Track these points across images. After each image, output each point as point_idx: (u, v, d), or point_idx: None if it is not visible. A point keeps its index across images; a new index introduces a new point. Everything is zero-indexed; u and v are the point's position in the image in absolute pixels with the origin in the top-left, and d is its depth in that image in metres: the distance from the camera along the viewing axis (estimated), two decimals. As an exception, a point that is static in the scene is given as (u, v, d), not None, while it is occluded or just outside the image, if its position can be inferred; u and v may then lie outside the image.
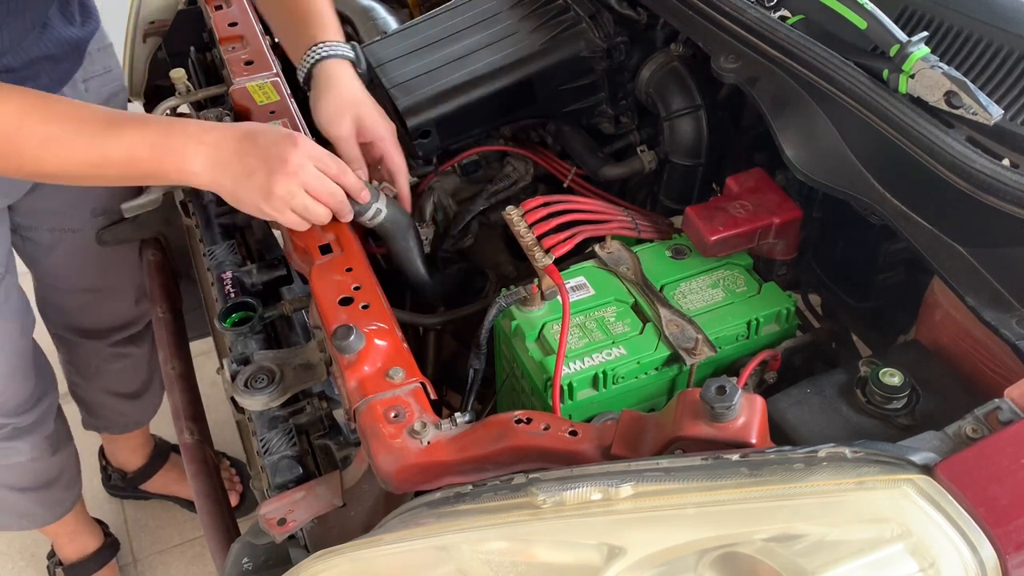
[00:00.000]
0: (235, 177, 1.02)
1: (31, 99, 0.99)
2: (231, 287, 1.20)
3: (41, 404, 1.55)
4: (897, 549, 0.67)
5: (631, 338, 1.00)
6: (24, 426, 1.53)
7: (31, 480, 1.63)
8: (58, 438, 1.64)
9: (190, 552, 2.03)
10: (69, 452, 1.70)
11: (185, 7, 1.68)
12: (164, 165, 1.02)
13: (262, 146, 1.02)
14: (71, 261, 1.55)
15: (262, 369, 1.04)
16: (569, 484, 0.73)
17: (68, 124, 0.99)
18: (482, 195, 1.37)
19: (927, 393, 0.88)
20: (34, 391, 1.52)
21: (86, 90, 1.38)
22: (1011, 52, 1.00)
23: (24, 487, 1.63)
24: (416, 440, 0.85)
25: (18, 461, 1.57)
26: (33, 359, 1.51)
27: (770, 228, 1.08)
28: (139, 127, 1.02)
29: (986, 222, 0.88)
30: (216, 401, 1.58)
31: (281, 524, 0.91)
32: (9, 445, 1.54)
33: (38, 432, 1.56)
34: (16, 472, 1.60)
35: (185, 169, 1.02)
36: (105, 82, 1.44)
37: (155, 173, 1.04)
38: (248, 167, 1.01)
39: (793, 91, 1.03)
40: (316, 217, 1.05)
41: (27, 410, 1.51)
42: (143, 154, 1.01)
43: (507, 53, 1.32)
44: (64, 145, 0.99)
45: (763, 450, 0.73)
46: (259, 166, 1.01)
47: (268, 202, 1.02)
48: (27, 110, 0.98)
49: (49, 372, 1.60)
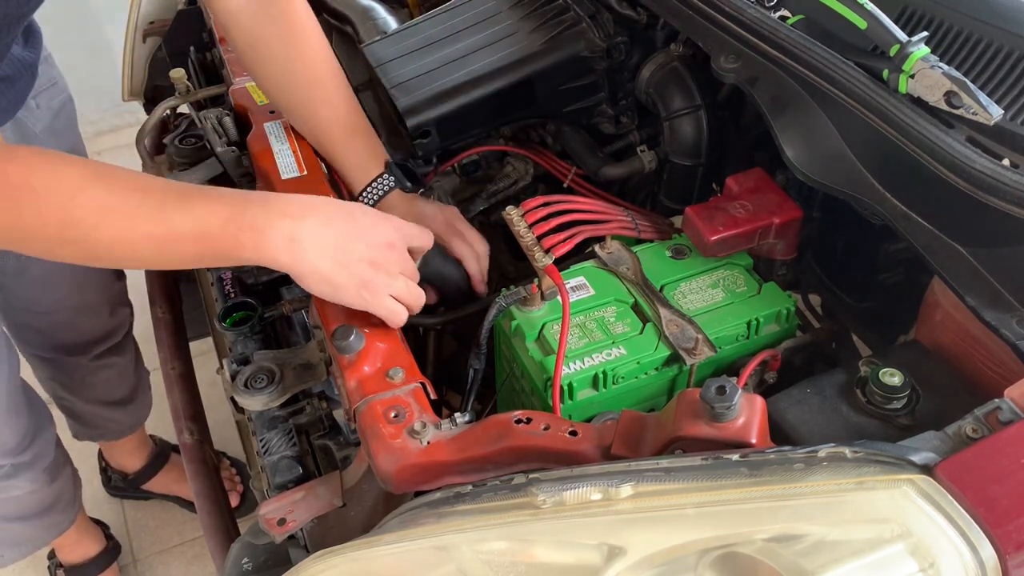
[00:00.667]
0: (333, 260, 0.92)
1: (91, 167, 0.87)
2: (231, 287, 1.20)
3: (38, 440, 1.53)
4: (897, 549, 0.67)
5: (631, 338, 1.00)
6: (23, 463, 1.51)
7: (30, 510, 1.62)
8: (56, 465, 1.62)
9: (190, 552, 2.03)
10: (67, 476, 1.68)
11: (185, 7, 1.68)
12: (240, 240, 0.89)
13: (362, 228, 0.94)
14: (40, 284, 1.52)
15: (262, 369, 1.04)
16: (569, 484, 0.73)
17: (131, 194, 0.87)
18: (482, 195, 1.37)
19: (927, 393, 0.88)
20: (28, 428, 1.50)
21: (37, 106, 1.35)
22: (1011, 52, 1.00)
23: (23, 516, 1.62)
24: (416, 440, 0.85)
25: (17, 495, 1.56)
26: (25, 397, 1.49)
27: (770, 228, 1.08)
28: (211, 198, 0.90)
29: (986, 222, 0.88)
30: (216, 401, 1.58)
31: (281, 524, 0.91)
32: (8, 483, 1.53)
33: (37, 466, 1.55)
34: (15, 504, 1.58)
35: (263, 247, 0.90)
36: (53, 95, 1.41)
37: (228, 252, 0.90)
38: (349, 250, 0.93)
39: (793, 91, 1.03)
40: (414, 301, 0.98)
41: (25, 448, 1.50)
42: (215, 229, 0.88)
43: (507, 53, 1.32)
44: (124, 216, 0.86)
45: (763, 450, 0.73)
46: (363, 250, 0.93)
47: (370, 290, 0.94)
48: (87, 178, 0.85)
49: (43, 407, 1.58)
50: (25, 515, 1.62)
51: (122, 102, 1.87)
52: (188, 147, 1.38)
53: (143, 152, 1.46)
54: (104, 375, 1.75)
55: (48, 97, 1.39)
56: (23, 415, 1.48)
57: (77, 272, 1.55)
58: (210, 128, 1.31)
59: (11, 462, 1.49)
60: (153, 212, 0.87)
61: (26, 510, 1.61)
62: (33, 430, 1.51)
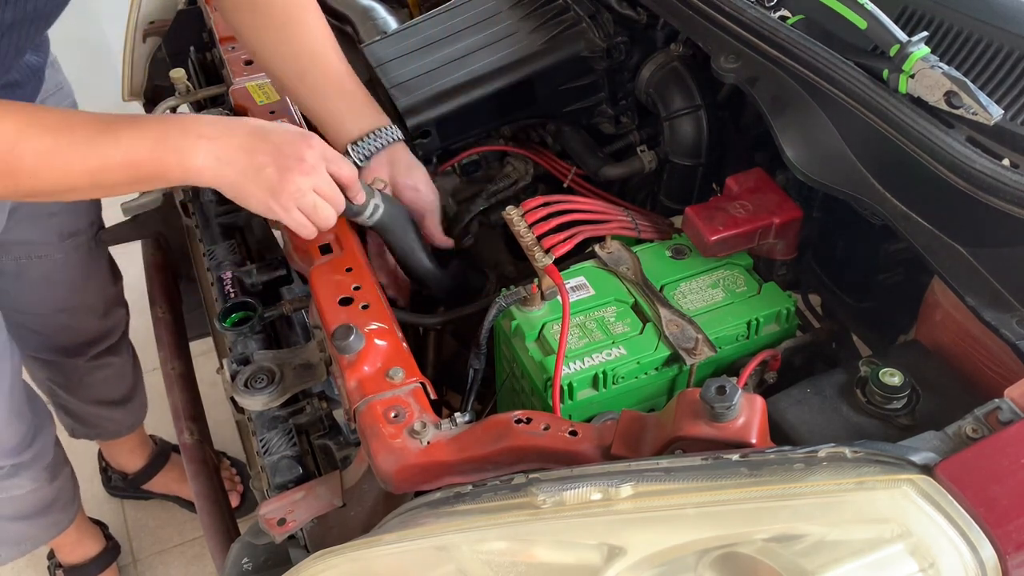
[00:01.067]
0: (242, 171, 0.99)
1: (25, 114, 0.94)
2: (231, 287, 1.20)
3: (38, 440, 1.53)
4: (897, 549, 0.67)
5: (631, 338, 1.00)
6: (23, 462, 1.51)
7: (30, 508, 1.62)
8: (56, 464, 1.62)
9: (190, 552, 2.03)
10: (66, 475, 1.68)
11: (185, 7, 1.68)
12: (166, 163, 0.97)
13: (275, 142, 1.00)
14: (39, 286, 1.52)
15: (262, 369, 1.04)
16: (569, 484, 0.73)
17: (62, 135, 0.94)
18: (482, 195, 1.37)
19: (927, 393, 0.88)
20: (30, 428, 1.50)
21: None
22: (1011, 52, 1.00)
23: (23, 516, 1.62)
24: (416, 440, 0.85)
25: (18, 495, 1.56)
26: (25, 397, 1.49)
27: (770, 228, 1.08)
28: (136, 127, 0.97)
29: (986, 222, 0.88)
30: (216, 401, 1.58)
31: (281, 524, 0.91)
32: (9, 482, 1.53)
33: (37, 465, 1.55)
34: (15, 504, 1.58)
35: (187, 166, 0.98)
36: (59, 100, 1.40)
37: (157, 174, 0.99)
38: (257, 163, 0.98)
39: (793, 91, 1.03)
40: (322, 219, 1.03)
41: (26, 447, 1.50)
42: (143, 155, 0.96)
43: (507, 53, 1.32)
44: (60, 157, 0.93)
45: (763, 450, 0.73)
46: (269, 162, 0.99)
47: (276, 199, 1.00)
48: (21, 126, 0.92)
49: (43, 407, 1.58)
50: (25, 514, 1.62)
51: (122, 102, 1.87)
52: (188, 147, 1.38)
53: (143, 152, 1.46)
54: (101, 375, 1.75)
55: (54, 102, 1.38)
56: (24, 416, 1.48)
57: (75, 274, 1.55)
58: (210, 128, 1.30)
59: (12, 462, 1.49)
60: (86, 148, 0.94)
61: (26, 509, 1.61)
62: (34, 430, 1.51)
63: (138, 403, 1.89)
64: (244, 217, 1.34)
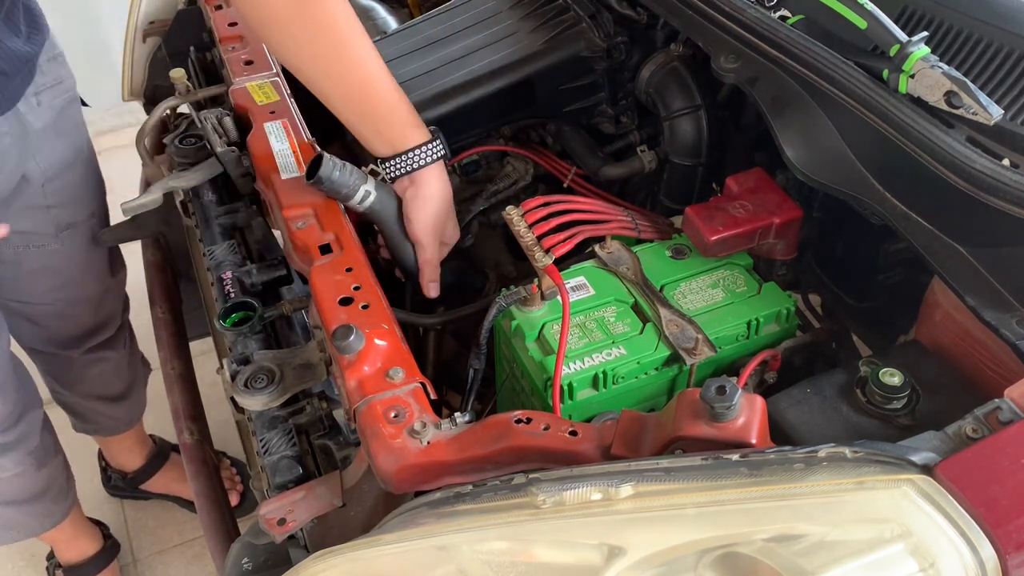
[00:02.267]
0: None
1: None
2: (231, 287, 1.19)
3: (23, 420, 1.52)
4: (897, 549, 0.67)
5: (631, 338, 1.00)
6: (7, 443, 1.50)
7: (16, 494, 1.61)
8: (44, 452, 1.61)
9: (190, 552, 2.03)
10: (57, 465, 1.67)
11: (185, 7, 1.68)
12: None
13: None
14: (35, 276, 1.52)
15: (262, 369, 1.04)
16: (569, 484, 0.73)
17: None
18: (482, 195, 1.37)
19: (927, 393, 0.88)
20: (15, 408, 1.49)
21: (38, 104, 1.34)
22: (1011, 52, 1.00)
23: (9, 500, 1.61)
24: (416, 440, 0.85)
25: (2, 476, 1.55)
26: (12, 375, 1.49)
27: (770, 228, 1.08)
28: None
29: (986, 222, 0.88)
30: (216, 401, 1.58)
31: (281, 524, 0.91)
32: None
33: (21, 448, 1.54)
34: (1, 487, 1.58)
35: None
36: (57, 93, 1.39)
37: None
38: None
39: (793, 91, 1.03)
40: None
41: (9, 427, 1.49)
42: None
43: (507, 53, 1.32)
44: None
45: (763, 450, 0.73)
46: None
47: None
48: None
49: (31, 387, 1.57)
50: (12, 499, 1.61)
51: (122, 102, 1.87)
52: (188, 147, 1.38)
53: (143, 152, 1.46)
54: (97, 369, 1.75)
55: (52, 95, 1.38)
56: (10, 394, 1.47)
57: (73, 265, 1.55)
58: (210, 128, 1.31)
59: None
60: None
61: (12, 494, 1.60)
62: (19, 410, 1.50)
63: (136, 399, 1.88)
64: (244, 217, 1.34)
